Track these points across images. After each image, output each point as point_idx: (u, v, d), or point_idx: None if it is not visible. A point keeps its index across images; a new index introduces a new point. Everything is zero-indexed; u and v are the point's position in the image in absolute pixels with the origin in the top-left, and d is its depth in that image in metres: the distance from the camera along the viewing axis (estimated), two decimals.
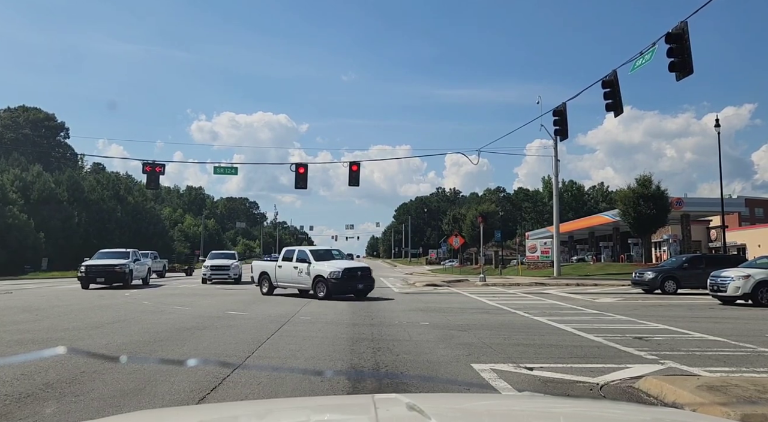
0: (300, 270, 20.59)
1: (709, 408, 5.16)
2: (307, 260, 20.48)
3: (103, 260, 26.86)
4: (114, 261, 26.63)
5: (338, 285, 19.36)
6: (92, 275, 25.66)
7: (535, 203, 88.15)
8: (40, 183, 59.37)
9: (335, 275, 19.39)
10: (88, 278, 25.67)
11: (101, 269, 25.94)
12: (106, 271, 25.91)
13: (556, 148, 30.18)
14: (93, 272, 25.71)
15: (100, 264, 26.18)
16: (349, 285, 19.70)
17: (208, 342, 10.12)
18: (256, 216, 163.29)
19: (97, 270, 25.84)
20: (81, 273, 25.91)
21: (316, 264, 20.19)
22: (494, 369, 7.55)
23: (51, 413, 5.47)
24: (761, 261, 20.29)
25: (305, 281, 20.39)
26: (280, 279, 21.61)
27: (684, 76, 14.35)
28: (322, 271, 19.73)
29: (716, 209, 39.22)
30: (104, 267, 26.01)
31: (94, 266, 25.99)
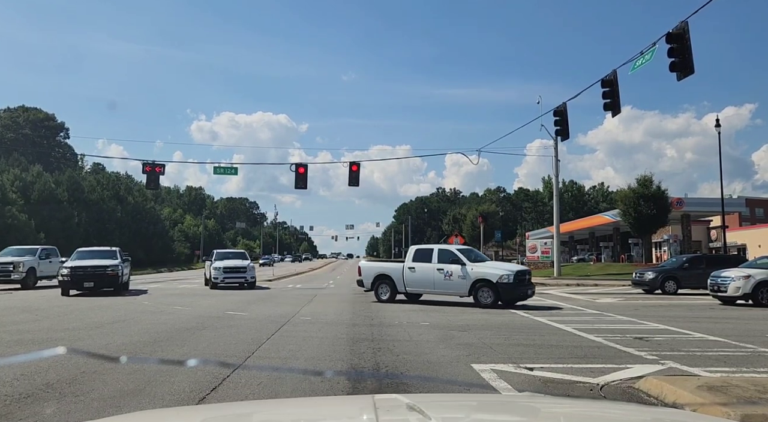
0: (448, 272, 17.54)
1: (710, 409, 5.15)
2: (459, 261, 17.50)
3: (91, 260, 22.74)
4: (104, 261, 22.68)
5: (510, 291, 16.81)
6: (78, 279, 21.71)
7: (535, 203, 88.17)
8: (40, 183, 59.36)
9: (507, 279, 16.74)
10: (72, 282, 21.61)
11: (90, 272, 22.01)
12: (96, 274, 22.07)
13: (556, 148, 30.20)
14: (79, 275, 21.74)
15: (88, 266, 22.10)
16: (520, 290, 17.03)
17: (208, 342, 10.11)
18: (256, 217, 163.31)
19: (85, 272, 21.87)
20: (63, 276, 21.75)
21: (475, 266, 17.42)
22: (494, 370, 7.55)
23: (51, 413, 5.47)
24: (761, 261, 20.28)
25: (458, 286, 17.37)
26: (414, 284, 18.33)
27: (685, 76, 14.35)
28: (486, 274, 17.03)
29: (716, 209, 39.22)
30: (94, 269, 22.09)
31: (81, 268, 21.95)
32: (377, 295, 18.72)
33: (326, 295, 22.56)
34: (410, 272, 18.25)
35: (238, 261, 27.49)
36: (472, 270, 17.19)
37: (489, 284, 16.86)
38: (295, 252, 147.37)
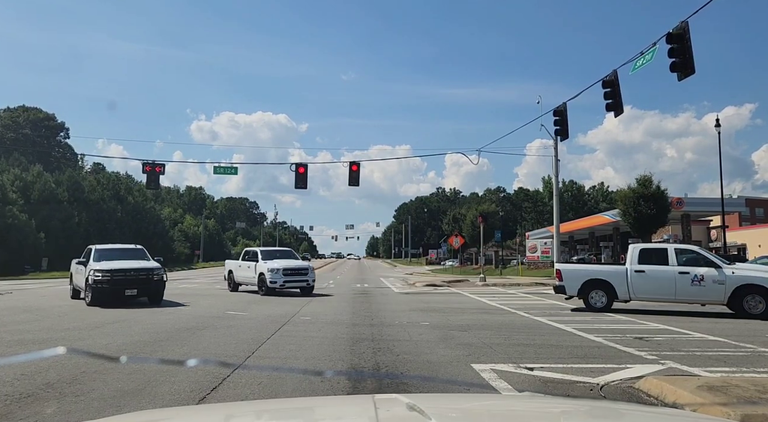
0: (697, 277, 14.84)
1: (710, 409, 5.16)
2: (713, 264, 14.97)
3: (127, 262, 18.03)
4: (145, 263, 18.39)
5: None
6: (119, 285, 16.88)
7: (535, 203, 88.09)
8: (40, 183, 59.39)
9: None
10: (111, 289, 16.78)
11: (133, 276, 17.27)
12: (140, 279, 17.29)
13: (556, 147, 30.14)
14: (120, 280, 16.94)
15: (130, 269, 17.41)
16: None
17: (208, 342, 10.12)
18: (256, 216, 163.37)
19: (126, 277, 17.08)
20: (98, 282, 16.72)
21: (735, 268, 15.01)
22: (494, 370, 7.56)
23: (51, 413, 5.47)
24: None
25: (711, 293, 14.79)
26: (644, 291, 15.58)
27: (686, 76, 14.34)
28: (755, 279, 14.50)
29: (716, 209, 39.22)
30: (137, 272, 17.44)
31: (121, 271, 17.09)
32: (588, 303, 16.08)
33: (326, 295, 22.55)
34: (638, 276, 15.42)
35: (296, 261, 23.21)
36: (732, 273, 14.62)
37: (760, 290, 14.36)
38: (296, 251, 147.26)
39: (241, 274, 24.19)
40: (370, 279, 39.89)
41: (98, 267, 17.27)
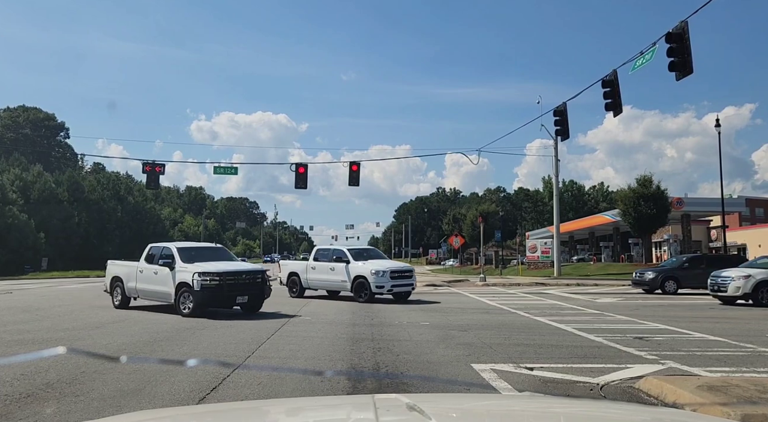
0: None
1: (710, 408, 5.15)
2: None
3: (230, 264, 15.26)
4: (249, 265, 16.55)
5: None
6: (231, 290, 14.07)
7: (535, 203, 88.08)
8: (40, 183, 59.42)
9: None
10: (223, 297, 13.98)
11: (245, 280, 14.49)
12: (251, 284, 14.57)
13: (556, 147, 30.19)
14: (231, 285, 14.10)
15: (242, 272, 14.65)
16: None
17: (208, 342, 10.12)
18: (256, 216, 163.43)
19: (237, 281, 14.29)
20: (206, 288, 13.66)
21: None
22: (494, 369, 7.55)
23: (51, 413, 5.47)
24: (762, 261, 20.28)
25: None
26: None
27: (684, 76, 14.36)
28: None
29: (716, 209, 39.23)
30: (249, 276, 14.67)
31: (232, 274, 14.23)
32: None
33: (326, 295, 22.52)
34: None
35: (396, 263, 21.07)
36: None
37: None
38: (295, 252, 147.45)
39: (319, 277, 20.21)
40: None
41: (203, 269, 13.85)
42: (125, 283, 16.07)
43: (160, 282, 14.85)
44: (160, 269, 14.88)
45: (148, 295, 15.61)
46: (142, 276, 15.57)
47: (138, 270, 15.65)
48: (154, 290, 15.20)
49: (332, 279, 19.94)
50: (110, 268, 17.15)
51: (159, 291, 15.00)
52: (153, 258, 15.43)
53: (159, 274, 14.92)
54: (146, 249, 16.01)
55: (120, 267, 16.80)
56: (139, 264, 15.67)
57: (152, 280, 15.17)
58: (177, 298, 14.18)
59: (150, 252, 15.75)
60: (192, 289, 13.80)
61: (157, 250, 15.69)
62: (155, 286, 15.09)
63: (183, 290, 14.09)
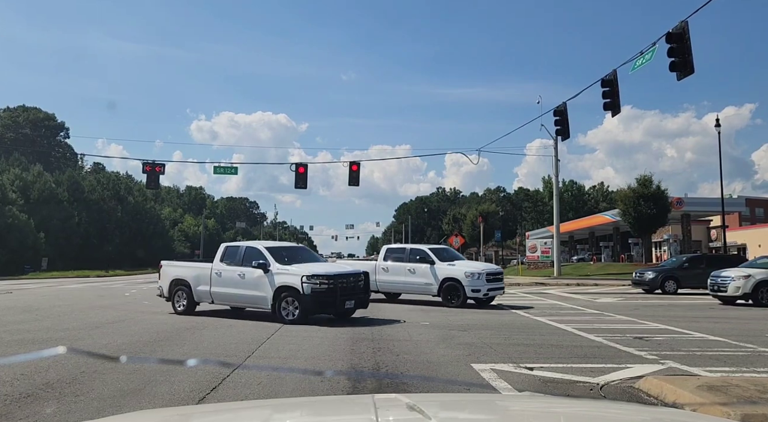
0: None
1: (710, 408, 5.15)
2: None
3: (333, 266, 15.48)
4: (351, 267, 15.45)
5: None
6: (343, 294, 12.96)
7: (535, 203, 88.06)
8: (40, 183, 59.39)
9: None
10: (334, 301, 12.79)
11: (352, 283, 13.46)
12: (356, 287, 13.54)
13: (556, 147, 30.19)
14: (342, 288, 12.98)
15: (349, 274, 13.63)
16: None
17: (208, 342, 10.12)
18: (256, 216, 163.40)
19: (347, 284, 13.24)
20: (317, 292, 12.55)
21: None
22: (494, 369, 7.55)
23: (51, 413, 5.47)
24: (761, 261, 20.29)
25: None
26: None
27: (685, 76, 14.35)
28: None
29: (716, 209, 39.24)
30: (355, 279, 13.63)
31: (342, 277, 13.26)
32: None
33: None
34: None
35: (486, 264, 19.97)
36: None
37: None
38: None
39: (394, 279, 18.22)
40: None
41: (310, 271, 12.82)
42: (194, 287, 14.37)
43: (250, 285, 13.35)
44: (247, 271, 13.38)
45: (230, 300, 14.08)
46: (220, 280, 13.94)
47: (213, 272, 14.03)
48: (242, 294, 13.59)
49: (413, 281, 17.86)
50: (168, 270, 15.24)
51: (248, 296, 13.46)
52: (234, 258, 13.95)
53: (247, 277, 13.41)
54: (221, 250, 14.47)
55: (184, 269, 15.03)
56: (214, 265, 14.11)
57: (237, 284, 13.61)
58: (277, 304, 12.88)
59: (227, 252, 14.28)
60: (299, 294, 12.58)
61: (236, 251, 14.23)
62: (243, 290, 13.53)
63: (285, 294, 12.81)
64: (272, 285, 13.02)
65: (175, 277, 14.93)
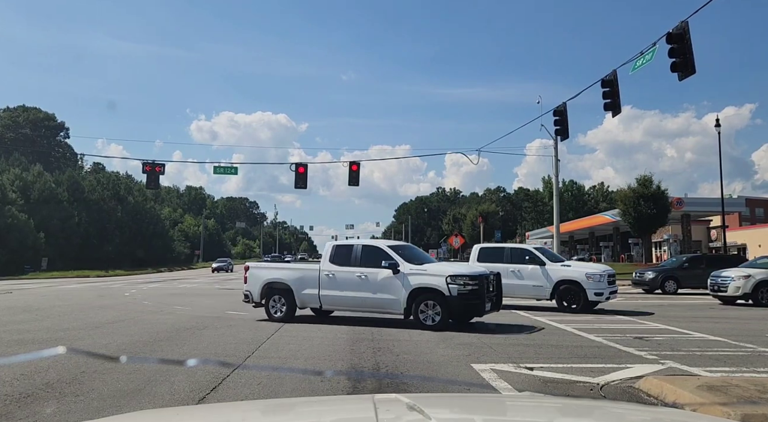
0: None
1: (710, 408, 5.15)
2: None
3: (461, 265, 14.69)
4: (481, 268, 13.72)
5: None
6: (485, 296, 12.09)
7: (535, 203, 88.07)
8: (40, 183, 59.41)
9: None
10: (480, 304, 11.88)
11: (488, 285, 12.46)
12: (494, 288, 12.71)
13: (556, 147, 30.15)
14: (484, 290, 12.06)
15: (488, 275, 12.57)
16: None
17: (208, 342, 10.12)
18: (256, 216, 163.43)
19: (486, 286, 12.26)
20: (464, 294, 11.65)
21: None
22: (494, 369, 7.55)
23: (51, 413, 5.47)
24: (762, 261, 20.29)
25: None
26: None
27: (686, 76, 14.34)
28: None
29: (716, 209, 39.25)
30: (494, 279, 12.77)
31: (484, 277, 12.26)
32: None
33: None
34: None
35: (600, 265, 18.93)
36: None
37: None
38: (295, 252, 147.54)
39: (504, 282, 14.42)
40: None
41: (456, 271, 12.02)
42: (297, 291, 13.01)
43: (376, 288, 12.26)
44: (370, 272, 12.34)
45: (347, 304, 12.84)
46: (333, 282, 12.75)
47: (323, 274, 12.83)
48: (364, 298, 12.44)
49: (520, 284, 16.25)
50: (258, 272, 13.74)
51: (373, 299, 12.36)
52: (348, 259, 12.77)
53: (371, 278, 12.31)
54: (329, 249, 13.29)
55: (282, 271, 13.65)
56: (324, 266, 12.91)
57: (357, 286, 12.45)
58: (413, 307, 11.88)
59: (337, 252, 13.07)
60: (443, 296, 11.64)
61: (349, 250, 13.00)
62: (365, 293, 12.40)
63: (423, 297, 11.83)
64: (406, 287, 11.95)
65: (269, 280, 13.38)
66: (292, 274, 13.34)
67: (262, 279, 13.46)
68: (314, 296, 12.92)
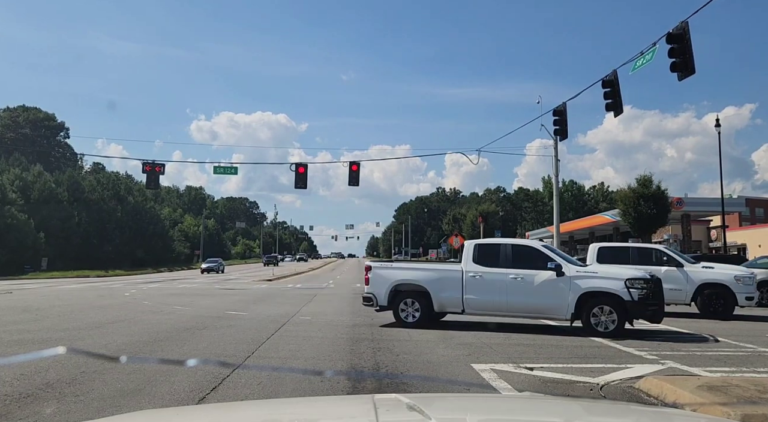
0: None
1: (710, 408, 5.15)
2: None
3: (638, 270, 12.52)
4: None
5: None
6: None
7: (535, 203, 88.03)
8: (40, 183, 59.41)
9: None
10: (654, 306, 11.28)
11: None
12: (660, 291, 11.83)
13: (556, 147, 30.13)
14: None
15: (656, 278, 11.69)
16: None
17: (208, 342, 10.11)
18: (256, 216, 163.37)
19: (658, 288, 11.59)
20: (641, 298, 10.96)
21: None
22: (494, 369, 7.55)
23: (51, 413, 5.47)
24: (762, 261, 20.29)
25: None
26: None
27: (686, 76, 14.33)
28: None
29: (717, 209, 39.25)
30: None
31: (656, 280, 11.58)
32: None
33: (326, 295, 22.55)
34: None
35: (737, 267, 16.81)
36: None
37: None
38: (295, 252, 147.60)
39: None
40: None
41: (633, 274, 11.35)
42: (435, 294, 11.96)
43: (535, 292, 11.35)
44: (526, 274, 11.42)
45: (498, 309, 11.79)
46: (480, 285, 11.72)
47: (468, 275, 11.80)
48: (520, 302, 11.49)
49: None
50: (384, 273, 12.55)
51: (532, 304, 11.44)
52: (496, 259, 11.80)
53: (527, 281, 11.40)
54: (471, 249, 12.15)
55: (415, 272, 12.49)
56: (467, 267, 11.88)
57: (512, 290, 11.50)
58: (584, 313, 10.98)
59: (481, 252, 12.04)
60: (621, 301, 10.82)
61: (496, 250, 12.06)
62: (521, 298, 11.46)
63: (594, 302, 10.95)
64: (574, 291, 11.06)
65: (399, 281, 12.29)
66: (428, 275, 12.25)
67: (390, 280, 12.32)
68: (456, 299, 11.84)
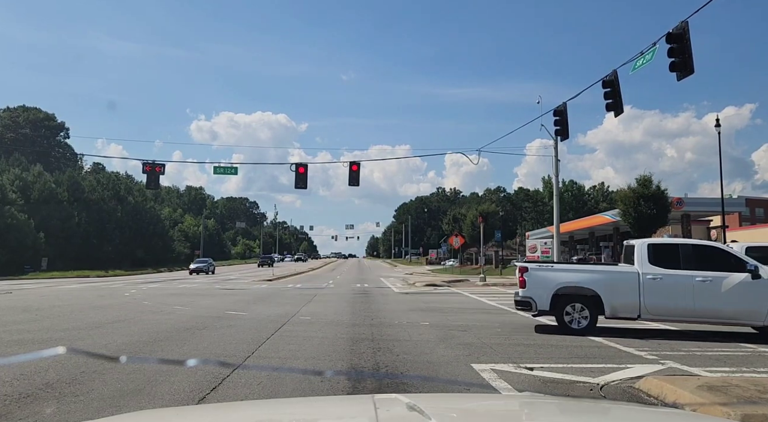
0: None
1: (710, 408, 5.15)
2: None
3: None
4: None
5: None
6: None
7: (535, 203, 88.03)
8: (40, 183, 59.40)
9: None
10: None
11: None
12: None
13: (556, 147, 30.11)
14: None
15: None
16: None
17: (208, 342, 10.11)
18: (256, 216, 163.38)
19: None
20: None
21: None
22: (494, 370, 7.55)
23: (51, 413, 5.47)
24: None
25: None
26: None
27: (685, 76, 14.33)
28: None
29: (717, 209, 39.26)
30: None
31: None
32: None
33: (326, 295, 22.55)
34: None
35: None
36: None
37: None
38: (295, 252, 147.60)
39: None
40: (370, 279, 39.90)
41: None
42: (607, 297, 10.93)
43: (726, 295, 10.43)
44: (715, 276, 10.49)
45: (683, 315, 10.82)
46: (660, 288, 10.73)
47: (647, 278, 10.83)
48: (710, 308, 10.54)
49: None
50: (545, 275, 11.48)
51: (724, 310, 10.51)
52: (677, 261, 10.83)
53: (715, 284, 10.46)
54: (644, 249, 11.10)
55: (581, 275, 11.46)
56: (644, 268, 10.89)
57: (697, 293, 10.52)
58: None
59: (658, 252, 11.03)
60: None
61: (675, 250, 11.09)
62: (711, 302, 10.50)
63: None
64: None
65: (564, 284, 11.24)
66: (598, 278, 11.22)
67: (553, 283, 11.30)
68: (633, 304, 10.83)
